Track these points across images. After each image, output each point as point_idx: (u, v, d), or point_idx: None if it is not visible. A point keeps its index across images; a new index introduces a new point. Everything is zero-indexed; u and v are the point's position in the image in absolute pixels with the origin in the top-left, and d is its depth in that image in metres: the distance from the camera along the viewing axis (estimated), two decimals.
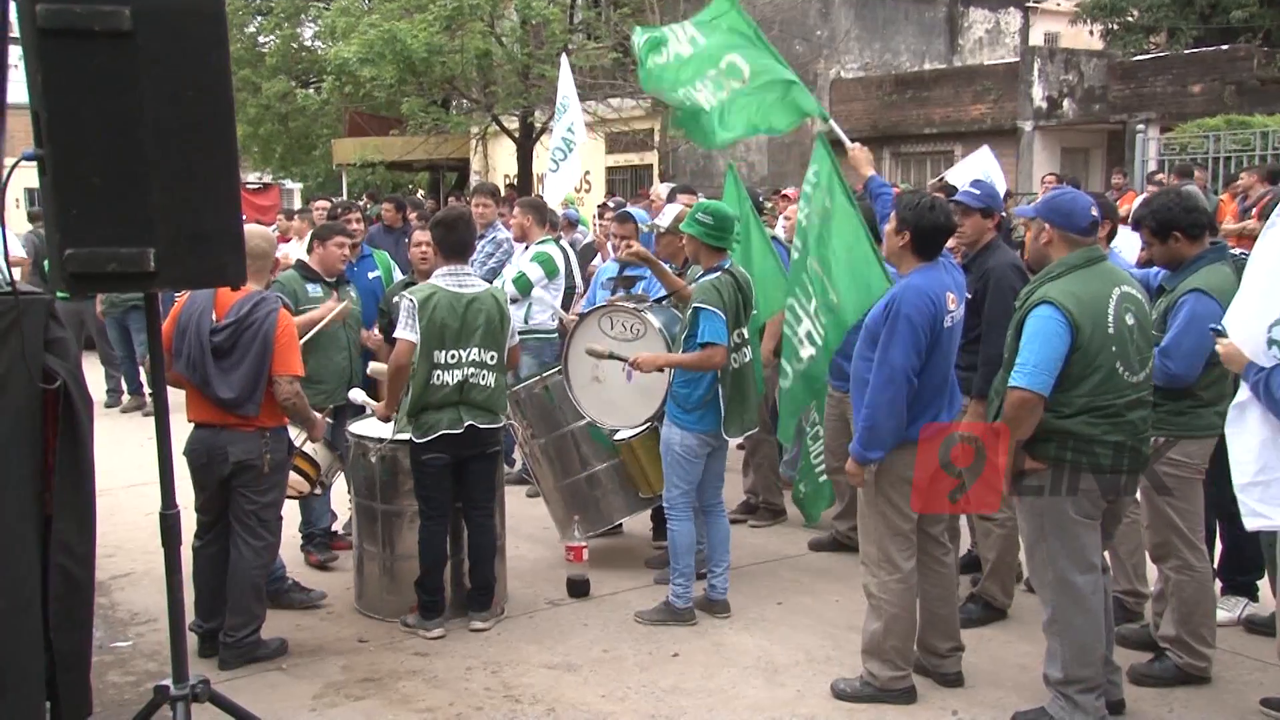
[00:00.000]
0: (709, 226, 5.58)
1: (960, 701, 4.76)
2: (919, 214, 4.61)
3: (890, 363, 4.48)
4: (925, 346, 4.51)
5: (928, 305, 4.51)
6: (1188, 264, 4.79)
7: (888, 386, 4.49)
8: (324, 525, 6.64)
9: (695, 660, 5.24)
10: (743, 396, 5.65)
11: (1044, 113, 22.40)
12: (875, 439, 4.54)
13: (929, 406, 4.64)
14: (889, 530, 4.68)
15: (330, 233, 6.37)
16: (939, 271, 4.66)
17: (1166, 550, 4.88)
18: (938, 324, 4.54)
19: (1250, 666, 5.04)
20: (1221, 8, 25.77)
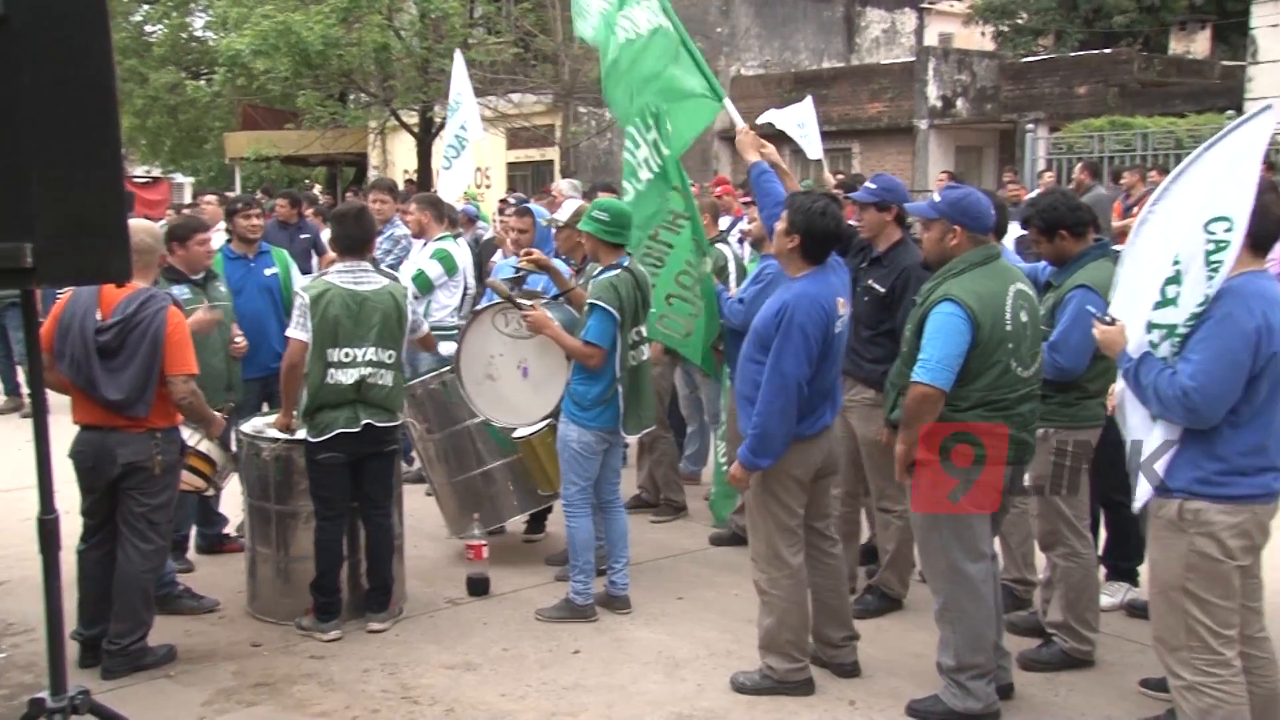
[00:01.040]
0: (606, 224, 5.58)
1: (858, 691, 4.83)
2: (810, 219, 4.57)
3: (783, 372, 4.46)
4: (818, 355, 4.53)
5: (821, 314, 4.52)
6: (1073, 260, 4.93)
7: (779, 395, 4.48)
8: (184, 532, 6.43)
9: (596, 656, 5.24)
10: (639, 394, 5.67)
11: (939, 111, 22.88)
12: (766, 447, 4.55)
13: (816, 409, 4.69)
14: (777, 527, 4.73)
15: (189, 231, 6.08)
16: (828, 275, 4.66)
17: (1055, 539, 5.01)
18: (829, 331, 4.57)
19: (1131, 649, 5.20)
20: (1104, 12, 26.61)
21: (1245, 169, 3.45)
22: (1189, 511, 3.66)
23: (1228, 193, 3.44)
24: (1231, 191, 3.44)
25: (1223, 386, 3.54)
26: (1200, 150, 3.56)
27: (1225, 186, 3.45)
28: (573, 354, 5.53)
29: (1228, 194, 3.44)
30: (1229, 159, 3.48)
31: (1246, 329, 3.54)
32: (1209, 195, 3.47)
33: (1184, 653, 3.72)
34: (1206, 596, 3.68)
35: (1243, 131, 3.49)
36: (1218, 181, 3.47)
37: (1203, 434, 3.62)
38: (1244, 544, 3.70)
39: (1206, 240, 3.44)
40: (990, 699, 4.49)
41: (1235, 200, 3.43)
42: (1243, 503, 3.66)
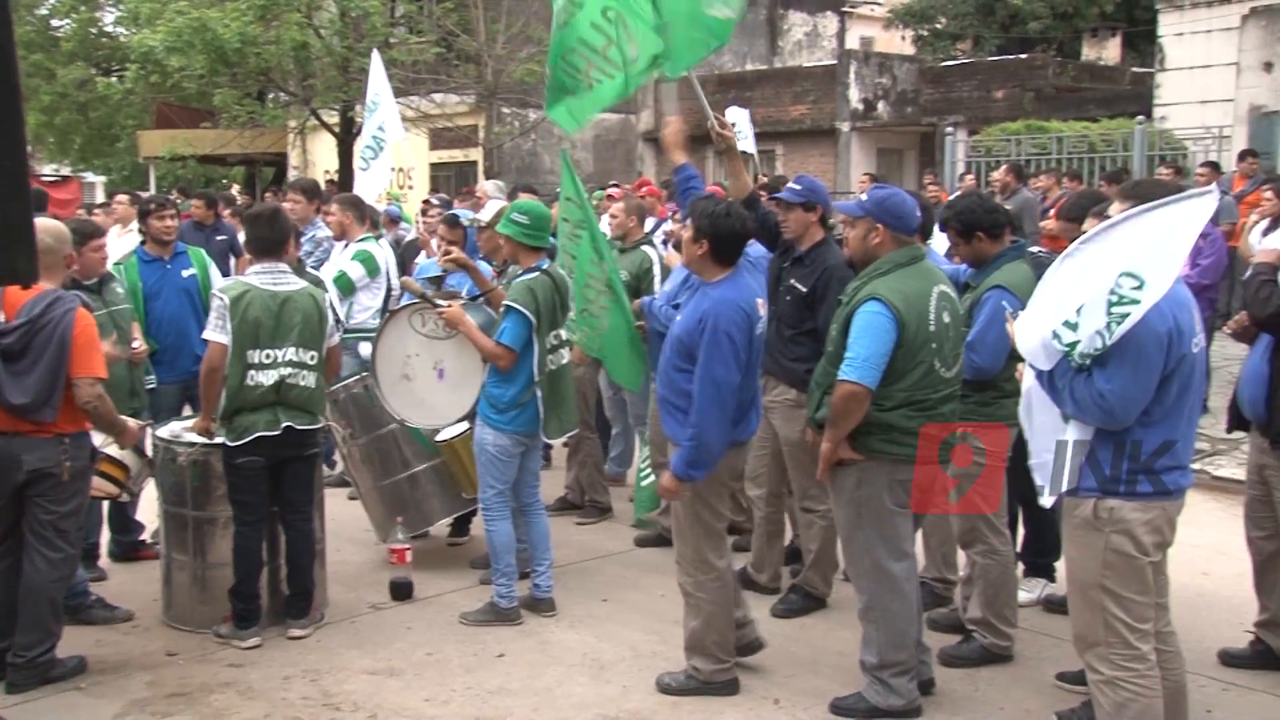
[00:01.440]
0: (525, 226, 5.55)
1: (782, 690, 4.86)
2: (715, 222, 4.55)
3: (715, 380, 4.43)
4: (745, 358, 4.53)
5: (743, 318, 4.51)
6: (990, 262, 5.00)
7: (714, 404, 4.45)
8: (93, 540, 6.27)
9: (521, 660, 5.21)
10: (560, 397, 5.64)
11: (860, 114, 23.14)
12: (703, 458, 4.50)
13: (746, 414, 4.71)
14: (706, 532, 4.73)
15: (84, 238, 5.85)
16: (744, 277, 4.66)
17: (974, 536, 5.08)
18: (753, 334, 4.57)
19: (1048, 643, 5.29)
20: (1020, 19, 27.11)
21: (1177, 244, 3.47)
22: (1104, 510, 3.72)
23: (1153, 259, 3.48)
24: (1157, 259, 3.48)
25: (1137, 388, 3.61)
26: (1148, 207, 3.59)
27: (1153, 251, 3.49)
28: (485, 355, 5.49)
29: (1153, 260, 3.48)
30: (1165, 229, 3.50)
31: (1159, 331, 3.61)
32: (1136, 251, 3.52)
33: (1102, 648, 3.79)
34: (1123, 593, 3.75)
35: (1184, 207, 3.52)
36: (1148, 243, 3.51)
37: (1116, 434, 3.69)
38: (1156, 540, 3.78)
39: (1115, 286, 3.50)
40: (912, 695, 4.54)
41: (1157, 270, 3.47)
42: (1155, 500, 3.73)
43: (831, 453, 4.44)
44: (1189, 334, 3.70)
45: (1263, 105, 14.03)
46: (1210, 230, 9.90)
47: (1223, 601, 5.55)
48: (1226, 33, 15.22)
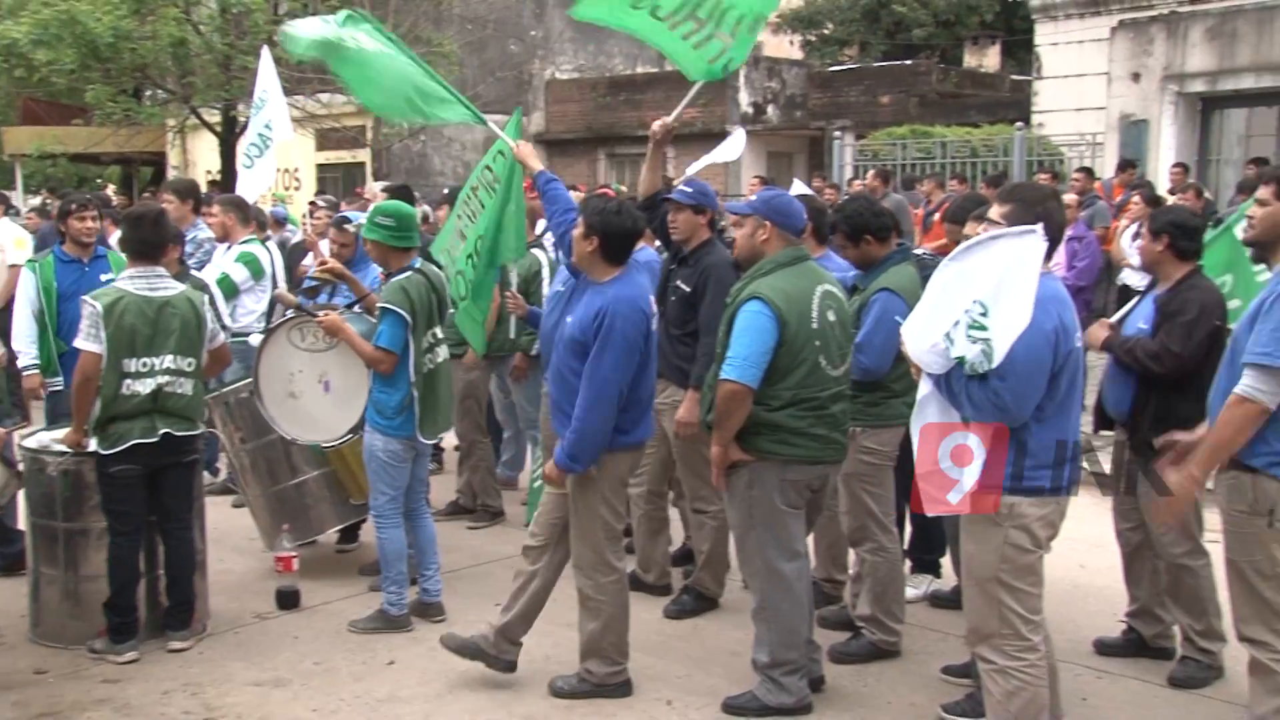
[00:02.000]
0: (391, 229, 5.48)
1: (674, 691, 4.86)
2: (605, 219, 4.55)
3: (604, 377, 4.44)
4: (639, 356, 4.53)
5: (640, 317, 4.52)
6: (877, 264, 5.09)
7: (600, 400, 4.45)
8: None
9: (412, 667, 5.13)
10: (435, 398, 5.55)
11: (750, 118, 23.36)
12: (586, 451, 4.51)
13: (644, 413, 4.72)
14: (606, 535, 4.72)
15: None
16: (635, 276, 4.67)
17: (863, 534, 5.16)
18: (648, 333, 4.58)
19: (934, 638, 5.40)
20: (904, 26, 27.68)
21: (1018, 282, 3.55)
22: (1004, 506, 3.80)
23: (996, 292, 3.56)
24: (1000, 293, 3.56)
25: (1029, 385, 3.69)
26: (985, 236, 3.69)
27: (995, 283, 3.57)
28: (366, 361, 5.40)
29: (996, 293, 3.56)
30: (1002, 264, 3.58)
31: (1046, 329, 3.70)
32: (982, 279, 3.61)
33: (996, 639, 3.87)
34: (1019, 585, 3.84)
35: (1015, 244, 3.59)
36: (990, 274, 3.60)
37: (1013, 431, 3.77)
38: (1049, 533, 3.88)
39: (970, 308, 3.59)
40: (803, 693, 4.59)
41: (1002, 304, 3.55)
42: (1050, 495, 3.83)
43: (721, 455, 4.46)
44: (1073, 330, 3.81)
45: (1132, 114, 14.53)
46: (1085, 234, 10.25)
47: (1098, 592, 5.72)
48: (1098, 43, 15.72)
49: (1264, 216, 3.87)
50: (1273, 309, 3.68)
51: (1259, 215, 3.89)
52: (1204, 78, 14.06)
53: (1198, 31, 14.04)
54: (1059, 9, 17.16)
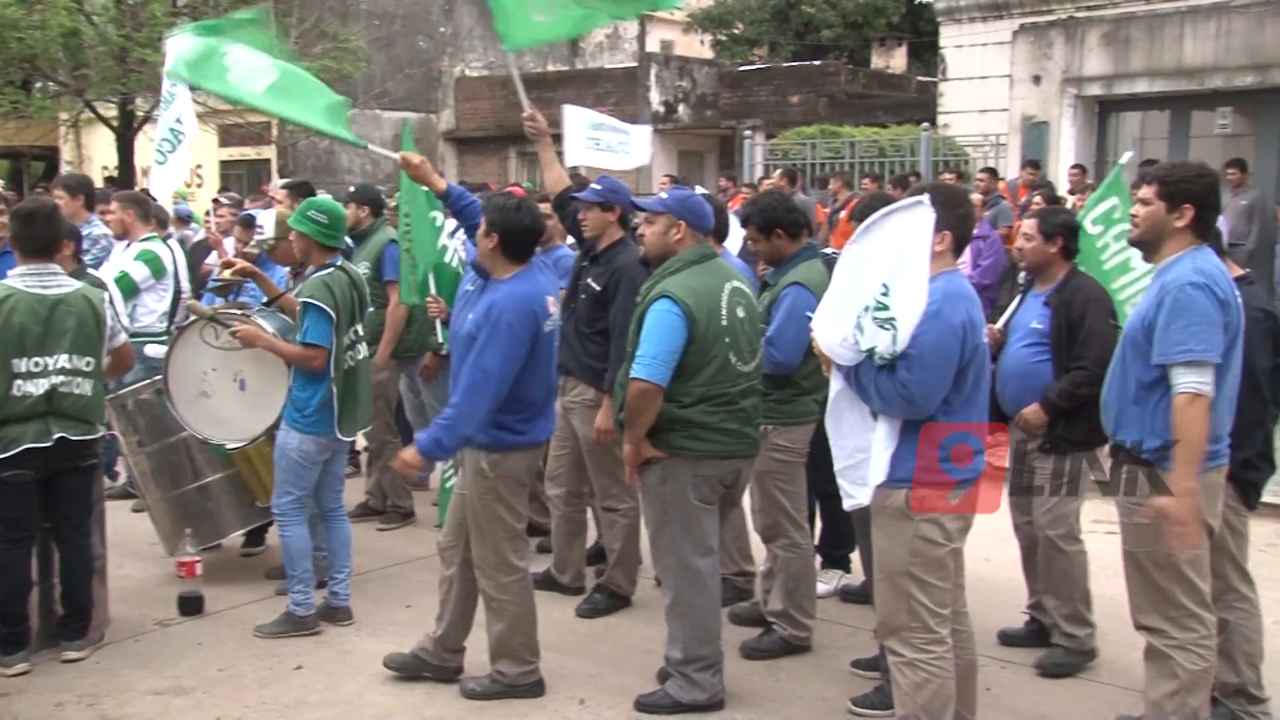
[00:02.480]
0: (323, 225, 5.41)
1: (587, 690, 4.85)
2: (505, 216, 4.56)
3: (485, 368, 4.42)
4: (524, 354, 4.51)
5: (529, 312, 4.51)
6: (787, 260, 5.14)
7: (478, 392, 4.43)
8: None
9: (320, 671, 5.04)
10: (355, 395, 5.50)
11: (661, 117, 23.43)
12: (453, 441, 4.49)
13: (538, 414, 4.70)
14: (506, 534, 4.69)
15: None
16: (535, 274, 4.67)
17: (776, 531, 5.20)
18: (538, 330, 4.56)
19: (844, 632, 5.46)
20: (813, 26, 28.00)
21: (913, 255, 3.61)
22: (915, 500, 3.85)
23: (895, 270, 3.62)
24: (899, 270, 3.62)
25: (937, 379, 3.74)
26: (878, 216, 3.74)
27: (898, 262, 3.63)
28: (293, 360, 5.31)
29: (900, 273, 3.62)
30: (899, 243, 3.64)
31: (954, 324, 3.76)
32: (882, 260, 3.67)
33: (905, 632, 3.91)
34: (928, 579, 3.88)
35: (903, 218, 3.66)
36: (890, 255, 3.66)
37: (920, 426, 3.82)
38: (960, 526, 3.94)
39: (878, 305, 3.64)
40: (715, 689, 4.60)
41: (901, 281, 3.61)
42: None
43: (634, 453, 4.47)
44: (980, 326, 3.88)
45: (1033, 115, 14.87)
46: (989, 233, 10.47)
47: (1003, 584, 5.83)
48: (1000, 46, 16.06)
49: (1147, 216, 3.97)
50: (1176, 307, 3.76)
51: (1142, 214, 3.99)
52: (1100, 81, 14.45)
53: (1094, 37, 14.41)
54: (963, 12, 17.48)
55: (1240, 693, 4.38)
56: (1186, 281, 3.77)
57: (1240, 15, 13.46)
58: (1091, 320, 4.81)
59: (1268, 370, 4.32)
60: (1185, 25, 13.77)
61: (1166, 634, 3.92)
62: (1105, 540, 5.10)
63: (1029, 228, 5.06)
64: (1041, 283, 5.06)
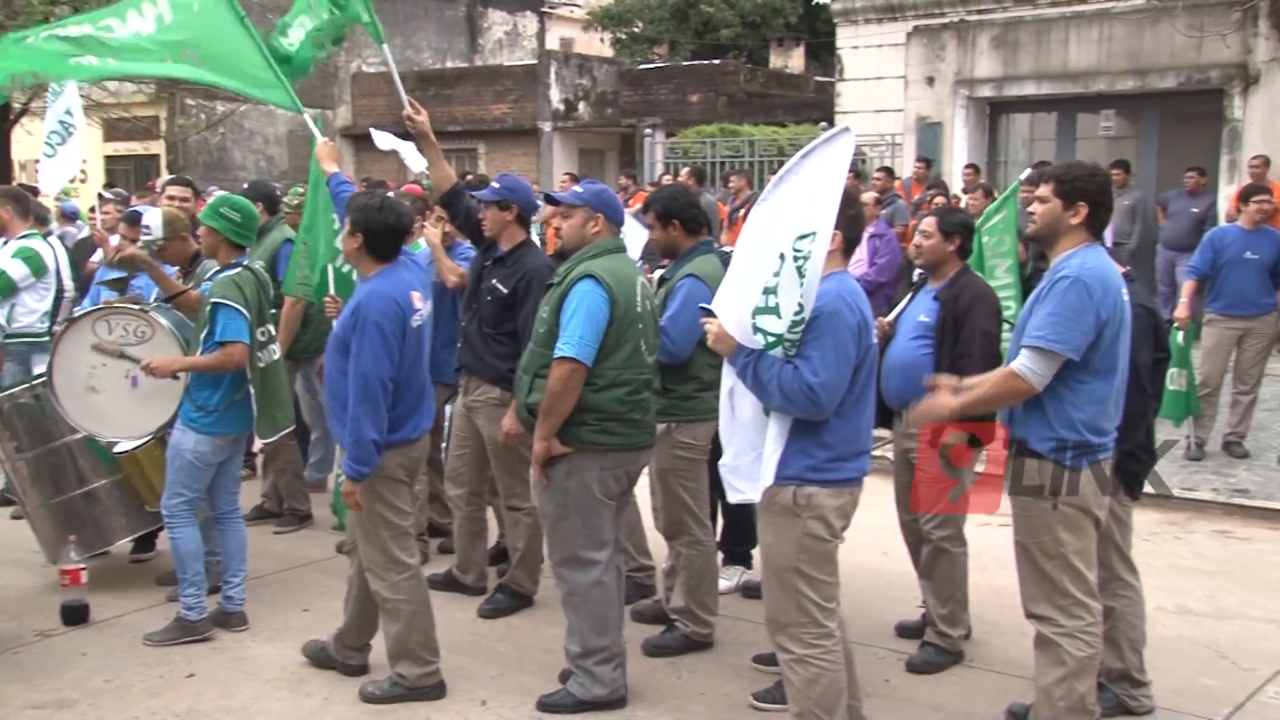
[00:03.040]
0: (235, 223, 5.33)
1: (489, 691, 4.81)
2: (368, 215, 4.55)
3: (363, 373, 4.41)
4: (398, 350, 4.50)
5: (394, 309, 4.49)
6: (683, 255, 5.17)
7: (365, 397, 4.42)
8: None
9: (214, 678, 4.92)
10: (273, 395, 5.42)
11: (561, 115, 23.40)
12: (365, 453, 4.46)
13: (416, 410, 4.69)
14: (391, 533, 4.65)
15: None
16: (401, 271, 4.66)
17: (679, 528, 5.21)
18: (406, 326, 4.55)
19: (746, 628, 5.49)
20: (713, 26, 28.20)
21: (830, 186, 3.68)
22: (802, 497, 3.87)
23: (815, 209, 3.67)
24: (818, 208, 3.67)
25: (840, 380, 3.79)
26: (794, 161, 3.77)
27: (813, 202, 3.68)
28: (215, 366, 5.17)
29: (814, 209, 3.67)
30: (816, 175, 3.71)
31: (851, 324, 3.81)
32: (799, 209, 3.70)
33: (794, 629, 3.95)
34: (816, 575, 3.92)
35: (828, 151, 3.73)
36: (806, 196, 3.70)
37: (811, 424, 3.85)
38: (844, 523, 3.98)
39: (796, 255, 3.67)
40: (616, 684, 4.60)
41: (820, 216, 3.67)
42: (845, 486, 3.93)
43: (545, 449, 4.44)
44: (871, 326, 3.94)
45: (927, 116, 15.15)
46: (885, 231, 10.64)
47: (900, 578, 5.92)
48: (895, 48, 16.34)
49: (1044, 213, 4.08)
50: (1049, 296, 3.90)
51: (1039, 211, 4.09)
52: (991, 83, 14.78)
53: (985, 39, 14.74)
54: (858, 13, 17.74)
55: (1125, 677, 4.53)
56: (1070, 275, 3.89)
57: (1121, 21, 13.89)
58: (975, 317, 4.91)
59: (1149, 365, 4.46)
60: (1070, 30, 14.16)
61: (1055, 622, 4.02)
62: (998, 532, 5.21)
63: (928, 225, 5.15)
64: (934, 279, 5.16)
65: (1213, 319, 8.52)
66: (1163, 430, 8.15)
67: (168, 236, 5.98)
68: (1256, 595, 5.94)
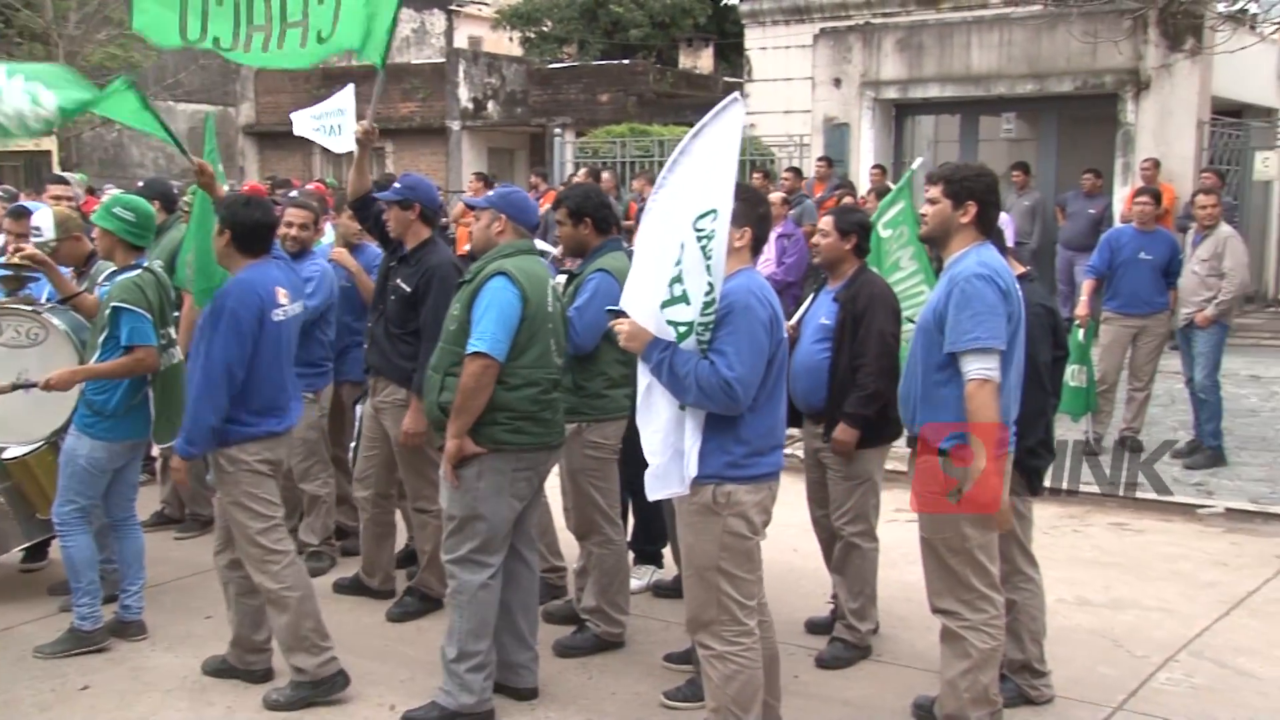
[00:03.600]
0: (131, 224, 5.18)
1: (397, 695, 4.75)
2: (234, 212, 4.66)
3: (211, 357, 4.49)
4: (250, 341, 4.54)
5: (253, 299, 4.55)
6: (593, 252, 5.17)
7: (207, 381, 4.49)
8: None
9: (110, 690, 4.78)
10: (173, 399, 5.25)
11: (470, 113, 23.23)
12: (198, 435, 4.53)
13: (271, 405, 4.68)
14: (262, 524, 4.65)
15: None
16: (268, 268, 4.71)
17: (590, 528, 5.20)
18: (265, 318, 4.59)
19: (657, 627, 5.50)
20: (622, 26, 28.23)
21: (724, 160, 3.69)
22: (721, 495, 3.88)
23: (712, 186, 3.68)
24: (715, 184, 3.68)
25: (755, 373, 3.81)
26: (686, 141, 3.76)
27: (709, 180, 3.69)
28: (122, 373, 5.04)
29: (712, 187, 3.68)
30: (709, 151, 3.72)
31: (762, 317, 3.83)
32: (697, 189, 3.70)
33: (715, 626, 3.96)
34: (737, 572, 3.94)
35: (718, 125, 3.74)
36: (702, 174, 3.70)
37: (727, 421, 3.85)
38: (764, 519, 4.00)
39: (698, 236, 3.67)
40: (485, 693, 4.52)
41: (719, 192, 3.68)
42: (763, 481, 3.95)
43: (457, 449, 4.39)
44: (781, 320, 3.97)
45: (835, 117, 15.35)
46: (793, 231, 10.74)
47: (809, 574, 5.99)
48: (803, 49, 16.53)
49: (934, 214, 4.16)
50: (962, 299, 3.94)
51: (930, 213, 4.17)
52: (896, 85, 15.03)
53: (890, 42, 14.99)
54: (766, 15, 17.93)
55: (1026, 668, 4.62)
56: (972, 274, 3.96)
57: (1020, 26, 14.22)
58: (872, 318, 4.98)
59: (1048, 363, 4.57)
60: (972, 34, 14.46)
61: (960, 616, 4.09)
62: (906, 528, 5.28)
63: (826, 224, 5.21)
64: (833, 279, 5.22)
65: (1109, 317, 8.77)
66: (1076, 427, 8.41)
67: (60, 237, 5.80)
68: (1150, 585, 6.12)
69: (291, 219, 6.13)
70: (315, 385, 6.22)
